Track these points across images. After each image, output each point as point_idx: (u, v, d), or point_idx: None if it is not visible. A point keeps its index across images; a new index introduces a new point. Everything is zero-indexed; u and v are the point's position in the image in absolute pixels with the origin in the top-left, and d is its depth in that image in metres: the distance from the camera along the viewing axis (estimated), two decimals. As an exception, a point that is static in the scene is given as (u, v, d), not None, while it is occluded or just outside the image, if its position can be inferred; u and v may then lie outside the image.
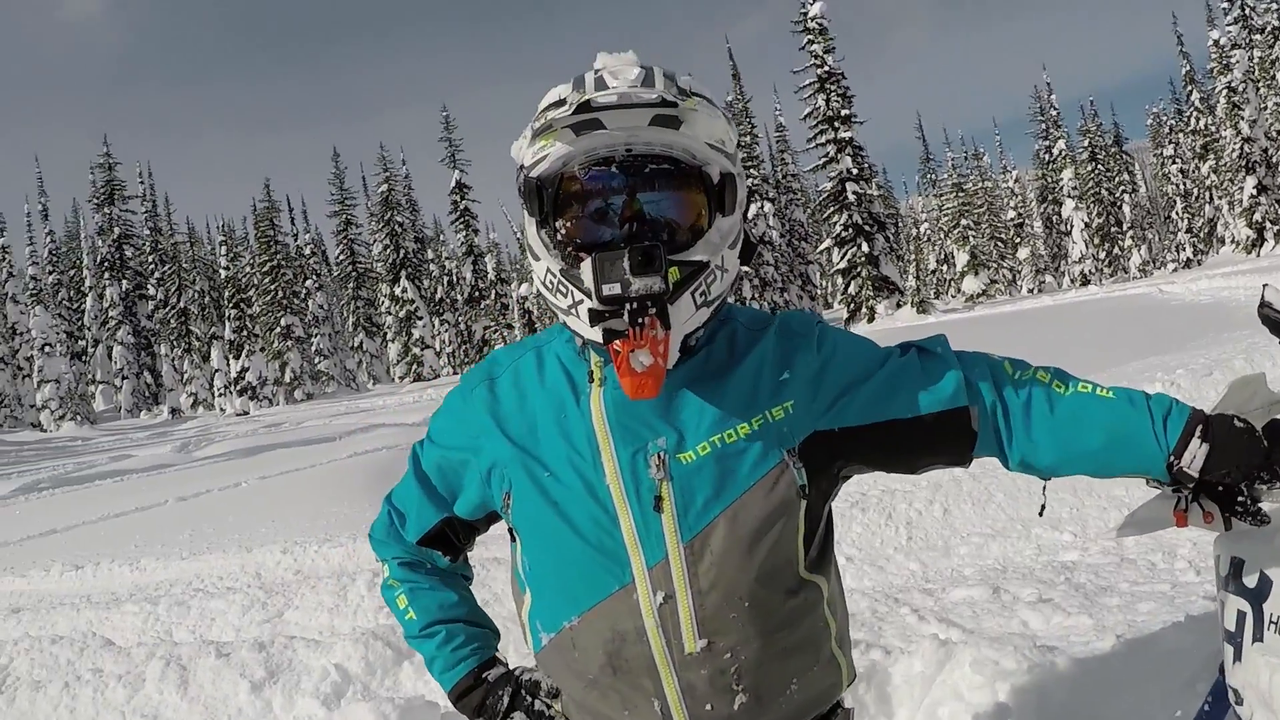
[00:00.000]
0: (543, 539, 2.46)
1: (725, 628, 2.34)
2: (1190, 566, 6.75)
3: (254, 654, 7.61)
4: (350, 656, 7.32)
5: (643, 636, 2.35)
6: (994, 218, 79.12)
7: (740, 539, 2.33)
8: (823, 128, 55.25)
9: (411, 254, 72.80)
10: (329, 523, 11.90)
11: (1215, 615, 2.67)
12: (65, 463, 34.68)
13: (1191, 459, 2.34)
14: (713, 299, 2.33)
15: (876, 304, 52.93)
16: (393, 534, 2.86)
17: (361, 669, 7.22)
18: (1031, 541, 8.10)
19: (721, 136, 2.32)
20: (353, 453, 20.83)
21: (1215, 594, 2.69)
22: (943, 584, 7.39)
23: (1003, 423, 2.43)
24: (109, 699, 7.59)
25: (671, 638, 2.34)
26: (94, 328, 75.51)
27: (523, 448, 2.48)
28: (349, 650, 7.37)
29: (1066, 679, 5.01)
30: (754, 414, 2.38)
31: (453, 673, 2.78)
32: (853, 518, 8.67)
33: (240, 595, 9.44)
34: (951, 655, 5.37)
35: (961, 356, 2.51)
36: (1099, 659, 5.16)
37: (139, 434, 51.12)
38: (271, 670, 7.45)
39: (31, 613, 10.27)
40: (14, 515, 19.04)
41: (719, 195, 2.34)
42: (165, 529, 13.65)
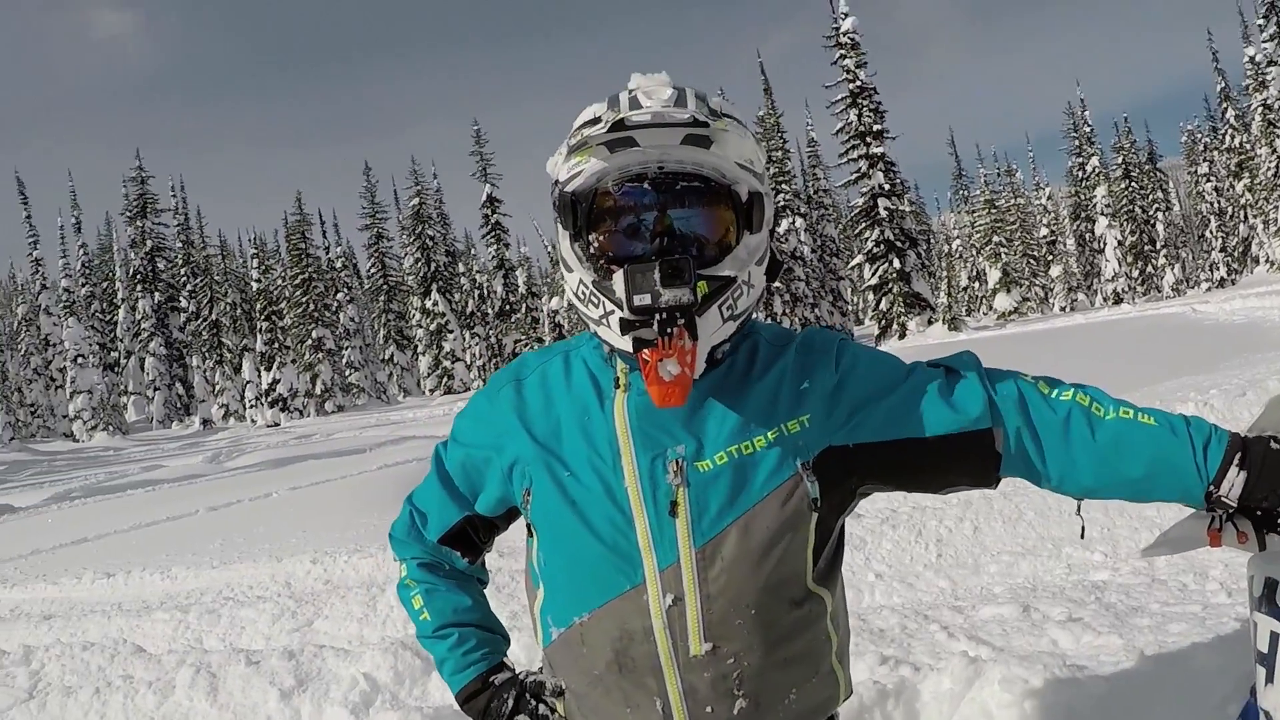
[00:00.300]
0: (559, 536, 2.52)
1: (730, 633, 2.39)
2: (1222, 588, 6.71)
3: (283, 662, 7.63)
4: (379, 666, 7.33)
5: (650, 636, 2.40)
6: (1026, 235, 78.77)
7: (751, 548, 2.37)
8: (854, 143, 55.24)
9: (443, 267, 72.93)
10: (358, 533, 11.93)
11: (1247, 637, 2.66)
12: (97, 472, 34.89)
13: (1230, 487, 2.34)
14: (739, 313, 2.38)
15: (908, 320, 52.84)
16: (413, 534, 2.92)
17: (390, 678, 7.23)
18: (1062, 560, 8.07)
19: (750, 156, 2.37)
20: (383, 464, 20.88)
21: (1248, 615, 2.68)
22: (972, 601, 7.36)
23: (1033, 444, 2.42)
24: (139, 705, 7.61)
25: (678, 640, 2.39)
26: (126, 339, 75.91)
27: (545, 447, 2.54)
28: (378, 660, 7.38)
29: (1095, 699, 4.99)
30: (771, 426, 2.42)
31: (461, 675, 2.85)
32: (883, 534, 8.65)
33: (270, 604, 9.47)
34: (981, 673, 5.36)
35: (991, 375, 2.51)
36: (1129, 679, 5.14)
37: (170, 444, 51.36)
38: (301, 679, 7.47)
39: (63, 619, 10.32)
40: (46, 524, 19.17)
41: (747, 213, 2.38)
42: (196, 538, 13.71)
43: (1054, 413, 2.41)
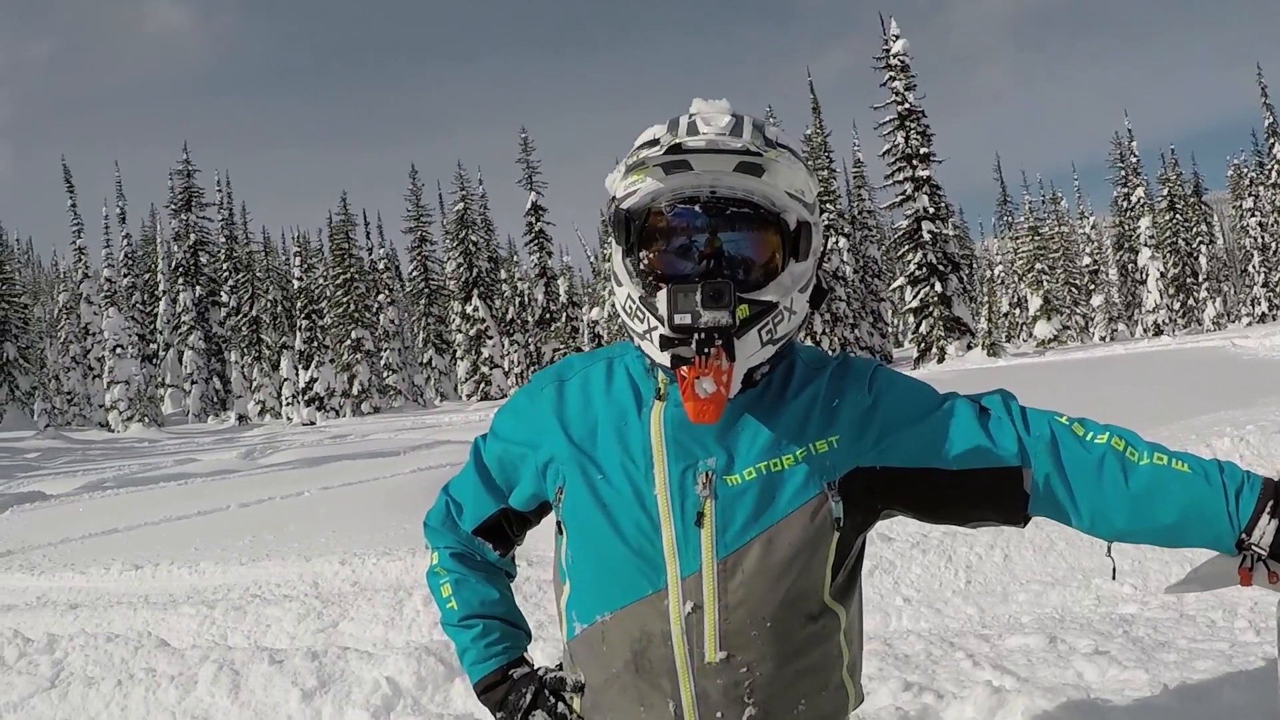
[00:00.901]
0: (588, 536, 2.58)
1: (745, 643, 2.44)
2: (1250, 626, 6.66)
3: (307, 662, 7.64)
4: (402, 670, 7.33)
5: (668, 641, 2.47)
6: (1069, 263, 78.56)
7: (771, 563, 2.43)
8: (901, 165, 55.25)
9: (484, 273, 73.07)
10: (388, 536, 11.94)
11: (1274, 676, 2.65)
12: (130, 463, 35.00)
13: (1261, 535, 2.35)
14: (779, 337, 2.43)
15: (947, 344, 52.75)
16: (448, 523, 3.02)
17: (413, 683, 7.23)
18: (1091, 592, 8.02)
19: (801, 187, 2.41)
20: (416, 468, 20.90)
21: (1275, 655, 2.67)
22: (999, 630, 7.33)
23: (1063, 487, 2.43)
24: (160, 699, 7.63)
25: (694, 646, 2.45)
26: (166, 331, 76.26)
27: (581, 448, 2.61)
28: (401, 664, 7.39)
29: (1119, 734, 4.96)
30: (801, 445, 2.47)
31: (481, 666, 2.94)
32: (912, 559, 8.62)
33: (296, 604, 9.48)
34: (1004, 703, 5.33)
35: (1026, 415, 2.52)
36: (1154, 715, 5.11)
37: (205, 438, 51.51)
38: (323, 680, 7.48)
39: (89, 609, 10.36)
40: (78, 512, 19.23)
41: (794, 241, 2.43)
42: (226, 534, 13.74)
43: (1088, 454, 2.42)
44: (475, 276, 72.26)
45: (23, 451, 45.44)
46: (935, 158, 55.20)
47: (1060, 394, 18.20)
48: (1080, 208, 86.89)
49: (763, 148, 2.36)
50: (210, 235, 76.61)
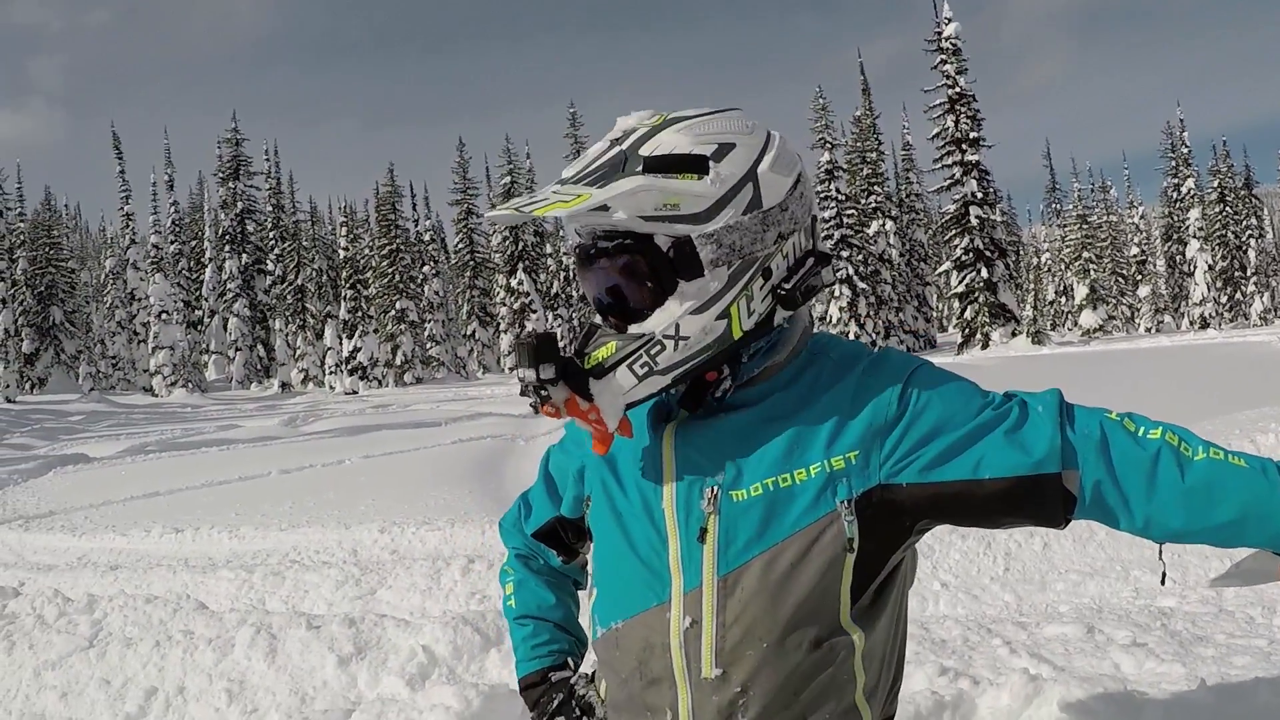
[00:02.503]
0: (606, 545, 2.61)
1: (741, 662, 2.40)
2: (1290, 623, 6.63)
3: (344, 629, 7.68)
4: (438, 639, 7.36)
5: (667, 653, 2.45)
6: (1116, 253, 78.09)
7: (772, 583, 2.37)
8: (950, 149, 55.03)
9: (530, 247, 73.22)
10: (428, 506, 12.00)
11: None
12: (173, 428, 35.27)
13: None
14: (665, 367, 2.37)
15: (992, 331, 52.53)
16: (517, 526, 3.07)
17: (449, 652, 7.27)
18: (1129, 584, 7.99)
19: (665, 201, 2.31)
20: (457, 439, 20.98)
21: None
22: (1037, 618, 7.30)
23: (1113, 488, 2.31)
24: (198, 661, 7.68)
25: (692, 660, 2.42)
26: (211, 299, 76.78)
27: (606, 460, 2.61)
28: (438, 633, 7.42)
29: (1155, 727, 4.93)
30: (815, 460, 2.39)
31: (526, 665, 3.00)
32: (951, 544, 8.61)
33: (335, 570, 9.54)
34: (1040, 691, 5.31)
35: (1073, 413, 2.40)
36: (1190, 710, 5.07)
37: (248, 405, 51.88)
38: (360, 646, 7.51)
39: (129, 571, 10.45)
40: (120, 475, 19.38)
41: (671, 263, 2.36)
42: (266, 500, 13.83)
43: (1142, 450, 2.31)
44: (521, 250, 72.41)
45: (67, 414, 45.90)
46: (985, 142, 54.94)
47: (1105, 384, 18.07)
48: (1129, 197, 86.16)
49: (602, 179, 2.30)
50: (257, 204, 76.82)
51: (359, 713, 6.40)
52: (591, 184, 2.29)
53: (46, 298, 74.16)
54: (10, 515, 14.74)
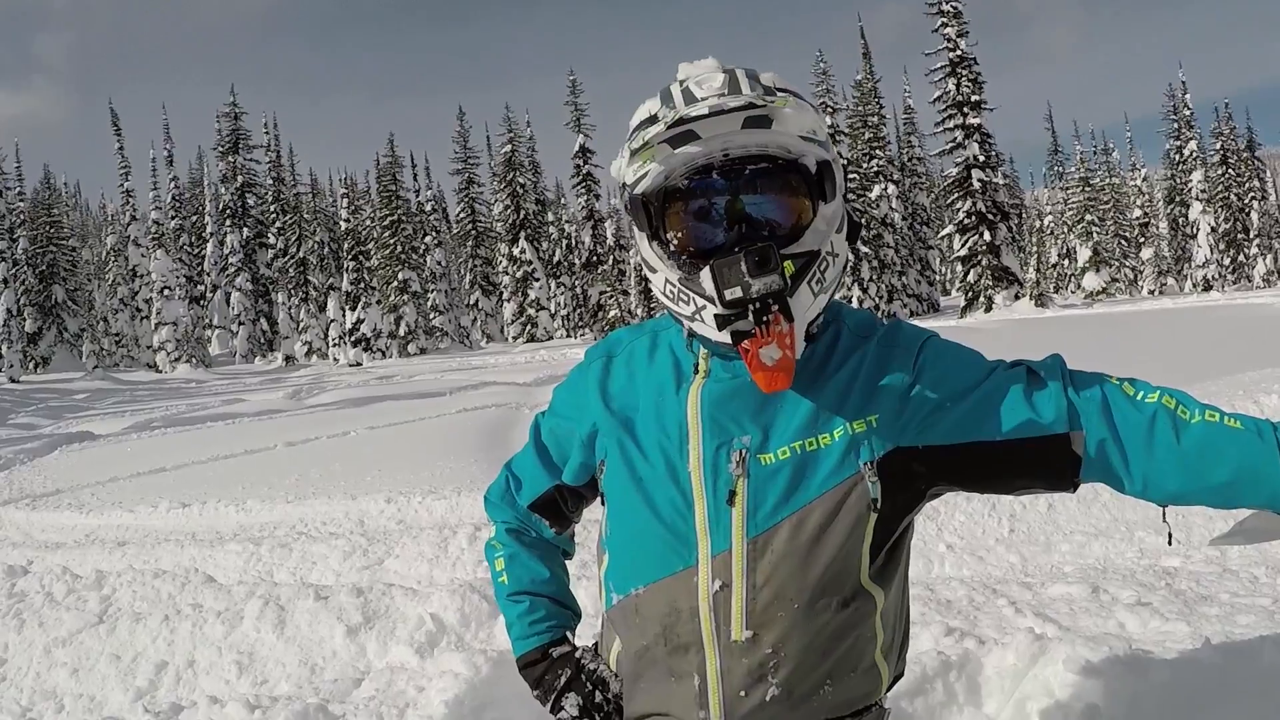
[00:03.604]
0: (624, 511, 2.57)
1: (771, 624, 2.41)
2: (1294, 581, 6.65)
3: (352, 599, 7.71)
4: (446, 607, 7.40)
5: (695, 617, 2.44)
6: (1119, 215, 77.87)
7: (801, 544, 2.39)
8: (951, 112, 54.91)
9: (531, 215, 73.24)
10: (434, 476, 12.00)
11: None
12: (178, 404, 35.26)
13: None
14: (828, 285, 2.37)
15: (995, 294, 52.50)
16: (507, 498, 3.03)
17: (456, 620, 7.30)
18: (1134, 544, 8.01)
19: (812, 127, 2.32)
20: (462, 408, 20.98)
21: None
22: (1042, 579, 7.34)
23: (1117, 450, 2.35)
24: (207, 634, 7.72)
25: (721, 624, 2.42)
26: (213, 273, 76.79)
27: (621, 423, 2.59)
28: (445, 601, 7.45)
29: (1159, 685, 4.95)
30: (838, 424, 2.41)
31: (524, 642, 2.96)
32: (956, 505, 8.61)
33: (342, 541, 9.56)
34: (1045, 650, 5.34)
35: (1075, 378, 2.44)
36: (1194, 668, 5.09)
37: (252, 379, 51.85)
38: (368, 616, 7.55)
39: (137, 546, 10.46)
40: (126, 452, 19.38)
41: (819, 184, 2.36)
42: (272, 473, 13.84)
43: (1139, 414, 2.35)
44: (522, 219, 72.45)
45: (71, 392, 45.91)
46: (986, 105, 54.78)
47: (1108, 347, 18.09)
48: (1132, 160, 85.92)
49: (764, 98, 2.25)
50: (258, 177, 76.60)
51: (368, 681, 6.44)
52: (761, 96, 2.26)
53: (48, 277, 74.19)
54: (17, 494, 14.75)
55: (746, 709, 2.44)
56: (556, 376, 29.18)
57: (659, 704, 2.56)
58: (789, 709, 2.45)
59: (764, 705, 2.44)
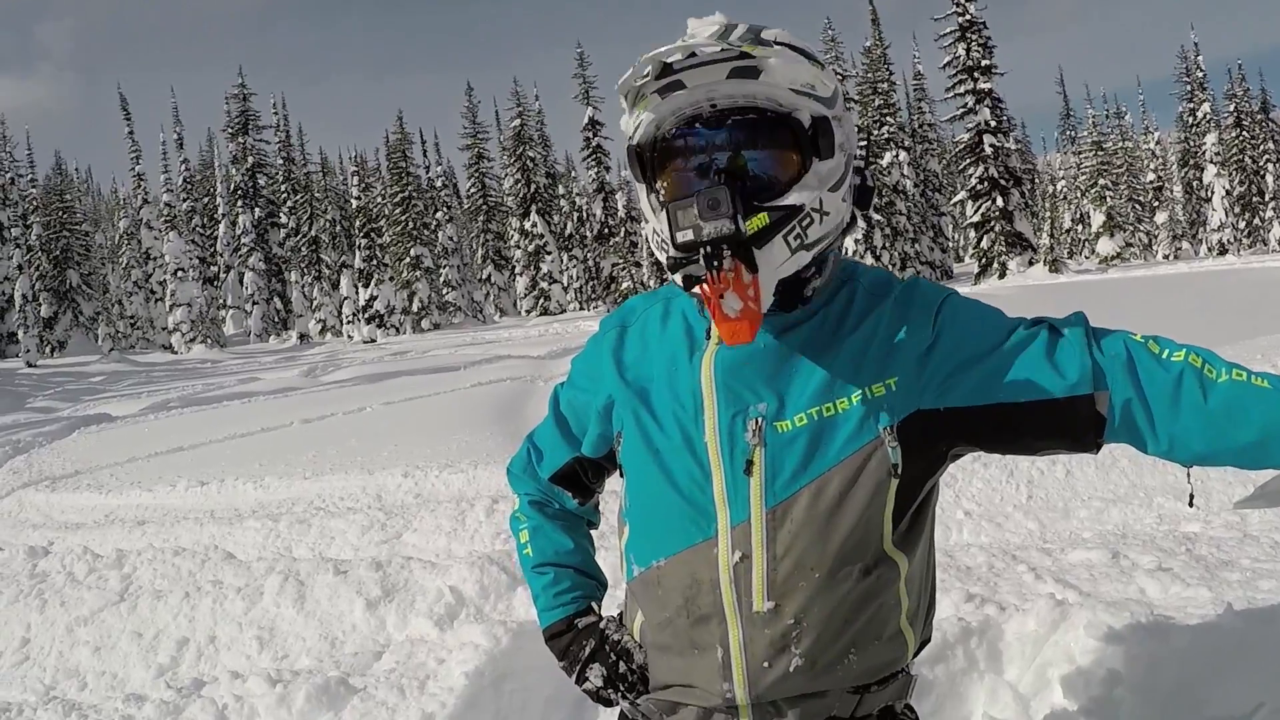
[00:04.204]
0: (642, 482, 2.55)
1: (793, 593, 2.38)
2: (1317, 545, 6.63)
3: (371, 573, 7.73)
4: (465, 579, 7.41)
5: (716, 589, 2.41)
6: (1133, 179, 77.44)
7: (821, 513, 2.35)
8: (962, 78, 54.72)
9: (542, 189, 73.22)
10: (450, 449, 12.03)
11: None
12: (194, 384, 35.42)
13: None
14: (811, 242, 2.31)
15: (1009, 260, 52.40)
16: (529, 471, 3.01)
17: (475, 592, 7.31)
18: (1153, 510, 7.99)
19: (809, 81, 2.29)
20: (476, 382, 21.04)
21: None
22: (1061, 545, 7.32)
23: (1142, 409, 2.29)
24: (227, 610, 7.74)
25: (742, 595, 2.40)
26: (226, 254, 77.04)
27: (636, 394, 2.56)
28: (464, 573, 7.46)
29: (1180, 651, 4.93)
30: (856, 388, 2.37)
31: (549, 614, 2.94)
32: (974, 472, 8.60)
33: (360, 516, 9.58)
34: (1066, 616, 5.32)
35: (1098, 335, 2.38)
36: (1216, 633, 5.07)
37: (267, 358, 52.00)
38: (387, 589, 7.56)
39: (156, 525, 10.51)
40: (143, 433, 19.47)
41: (812, 139, 2.31)
42: (289, 449, 13.89)
43: (1165, 372, 2.28)
44: (533, 192, 72.43)
45: (88, 375, 46.09)
46: (997, 70, 54.58)
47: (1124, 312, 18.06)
48: (1145, 123, 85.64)
49: (753, 47, 2.22)
50: (268, 158, 76.85)
51: (389, 654, 6.45)
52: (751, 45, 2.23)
53: (62, 261, 74.34)
54: (37, 476, 14.82)
55: (770, 680, 2.42)
56: (570, 349, 29.30)
57: (682, 675, 2.55)
58: (813, 678, 2.43)
59: (788, 676, 2.41)
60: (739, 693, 2.45)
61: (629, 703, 2.76)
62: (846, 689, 2.49)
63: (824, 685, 2.45)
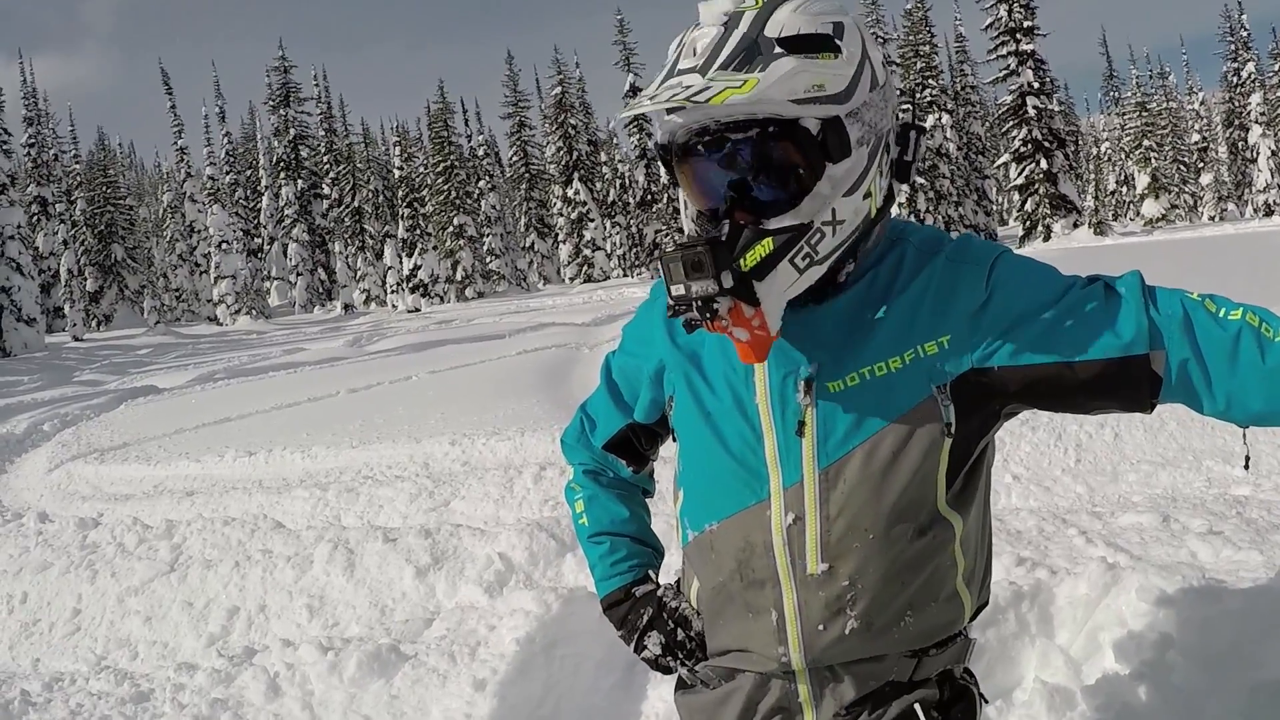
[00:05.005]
0: (695, 446, 2.55)
1: (847, 555, 2.37)
2: (1370, 510, 6.57)
3: (420, 540, 7.76)
4: (514, 546, 7.43)
5: (770, 551, 2.41)
6: (1177, 140, 76.69)
7: (874, 472, 2.34)
8: (1004, 39, 54.47)
9: (584, 156, 73.23)
10: (497, 417, 12.02)
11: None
12: (240, 355, 35.63)
13: None
14: (823, 256, 2.27)
15: (1053, 223, 52.15)
16: (582, 440, 3.01)
17: (525, 559, 7.33)
18: (1202, 473, 7.92)
19: (815, 83, 2.22)
20: (522, 350, 21.04)
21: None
22: (1110, 508, 7.28)
23: (1199, 369, 2.24)
24: (278, 579, 7.79)
25: (796, 557, 2.39)
26: (270, 225, 77.39)
27: (688, 358, 2.56)
28: (513, 540, 7.48)
29: (1233, 614, 4.90)
30: (907, 347, 2.34)
31: (607, 583, 2.94)
32: (1022, 436, 8.55)
33: (408, 484, 9.60)
34: (1118, 580, 5.30)
35: (1154, 294, 2.32)
36: (1269, 596, 5.04)
37: (312, 328, 52.28)
38: (436, 557, 7.59)
39: (205, 496, 10.56)
40: (190, 404, 19.55)
41: (822, 145, 2.25)
42: (336, 419, 13.90)
43: (1223, 331, 2.23)
44: (575, 160, 72.46)
45: (134, 348, 46.48)
46: (1039, 31, 54.28)
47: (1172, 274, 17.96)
48: (1189, 83, 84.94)
49: (739, 68, 2.18)
50: (309, 129, 77.10)
51: (439, 621, 6.49)
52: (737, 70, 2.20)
53: (107, 236, 74.79)
54: (85, 449, 14.90)
55: (826, 642, 2.42)
56: (615, 316, 29.32)
57: (739, 640, 2.54)
58: (869, 641, 2.42)
59: (843, 638, 2.41)
60: (795, 657, 2.45)
61: (687, 669, 2.76)
62: (904, 652, 2.47)
63: (881, 648, 2.44)
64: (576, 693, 5.75)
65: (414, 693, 5.66)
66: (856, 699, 2.50)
